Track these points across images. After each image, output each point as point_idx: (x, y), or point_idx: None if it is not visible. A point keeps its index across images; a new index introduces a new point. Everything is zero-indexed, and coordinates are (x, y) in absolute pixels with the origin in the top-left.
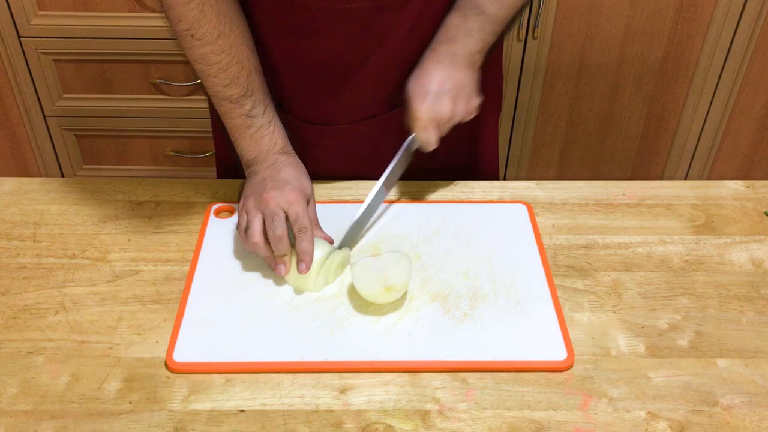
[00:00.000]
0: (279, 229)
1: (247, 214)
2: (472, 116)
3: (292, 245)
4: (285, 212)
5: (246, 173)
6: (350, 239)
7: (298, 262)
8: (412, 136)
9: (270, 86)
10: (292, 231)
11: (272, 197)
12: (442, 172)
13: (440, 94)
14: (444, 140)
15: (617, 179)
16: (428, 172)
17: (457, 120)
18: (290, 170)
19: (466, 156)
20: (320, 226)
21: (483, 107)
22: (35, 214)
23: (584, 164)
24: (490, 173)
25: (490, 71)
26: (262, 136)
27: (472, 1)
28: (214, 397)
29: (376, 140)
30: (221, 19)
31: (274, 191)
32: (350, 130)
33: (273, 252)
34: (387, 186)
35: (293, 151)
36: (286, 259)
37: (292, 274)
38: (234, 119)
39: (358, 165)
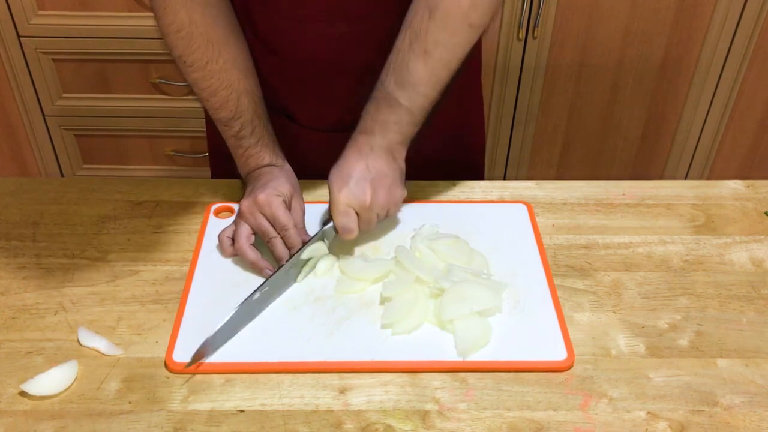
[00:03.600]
0: (239, 239)
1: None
2: (397, 209)
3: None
4: (263, 216)
5: None
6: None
7: (290, 254)
8: (330, 224)
9: (273, 94)
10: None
11: (243, 208)
12: (430, 166)
13: (360, 180)
14: (429, 135)
15: (617, 179)
16: (417, 168)
17: (379, 210)
18: (267, 177)
19: (453, 151)
20: (305, 230)
21: (464, 99)
22: (35, 214)
23: (584, 164)
24: (477, 170)
25: (468, 65)
26: (249, 156)
27: (385, 92)
28: (214, 398)
29: None
30: (210, 47)
31: (245, 200)
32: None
33: (253, 258)
34: (293, 269)
35: (283, 165)
36: (263, 263)
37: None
38: (228, 139)
39: None
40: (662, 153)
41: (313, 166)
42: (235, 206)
